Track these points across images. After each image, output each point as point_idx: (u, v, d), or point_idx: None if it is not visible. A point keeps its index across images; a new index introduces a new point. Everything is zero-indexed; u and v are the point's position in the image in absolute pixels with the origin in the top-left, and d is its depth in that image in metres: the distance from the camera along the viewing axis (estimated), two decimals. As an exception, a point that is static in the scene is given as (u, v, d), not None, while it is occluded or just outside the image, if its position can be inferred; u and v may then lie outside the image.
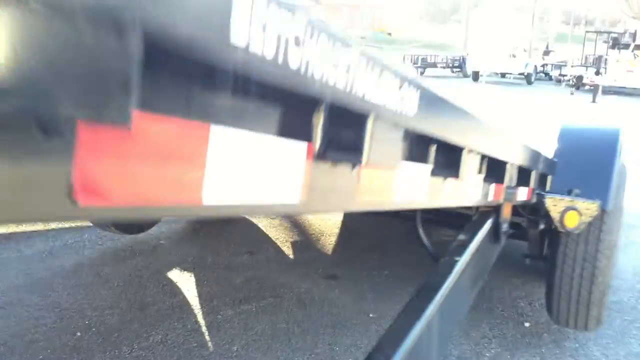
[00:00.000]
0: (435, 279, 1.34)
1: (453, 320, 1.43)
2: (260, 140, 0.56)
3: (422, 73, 23.29)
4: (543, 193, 2.44)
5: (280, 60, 0.46)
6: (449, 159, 1.10)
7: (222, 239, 4.24)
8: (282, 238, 4.36)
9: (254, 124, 0.54)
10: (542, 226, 2.68)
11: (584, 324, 2.79)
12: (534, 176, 1.95)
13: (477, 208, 1.90)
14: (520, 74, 22.05)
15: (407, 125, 0.77)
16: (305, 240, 4.39)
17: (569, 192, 2.52)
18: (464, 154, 1.08)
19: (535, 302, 3.45)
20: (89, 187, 0.39)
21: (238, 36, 0.41)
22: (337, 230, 4.55)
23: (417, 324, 1.18)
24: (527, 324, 3.22)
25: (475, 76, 21.64)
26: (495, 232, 1.83)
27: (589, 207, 2.45)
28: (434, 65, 23.79)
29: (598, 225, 2.59)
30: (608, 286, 2.72)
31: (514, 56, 25.53)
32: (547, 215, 2.49)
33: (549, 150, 2.77)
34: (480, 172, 1.43)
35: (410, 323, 1.17)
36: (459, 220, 1.87)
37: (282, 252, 4.11)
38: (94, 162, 0.38)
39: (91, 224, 4.04)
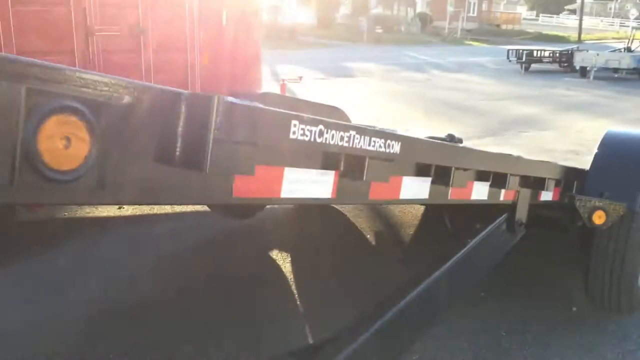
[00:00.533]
0: (447, 254, 1.96)
1: (461, 285, 2.03)
2: (309, 171, 1.24)
3: (527, 69, 22.87)
4: (574, 195, 2.93)
5: (312, 140, 1.13)
6: (445, 173, 1.72)
7: (315, 227, 4.98)
8: (366, 227, 5.03)
9: (305, 164, 1.22)
10: (580, 222, 3.15)
11: (617, 307, 3.24)
12: (548, 183, 2.49)
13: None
14: (633, 68, 21.08)
15: (396, 158, 1.41)
16: (386, 230, 5.06)
17: (601, 194, 2.98)
18: (453, 170, 1.69)
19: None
20: (237, 191, 1.09)
21: (293, 135, 1.09)
22: (416, 222, 5.15)
23: (426, 282, 1.81)
24: (574, 309, 3.68)
25: (583, 72, 21.00)
26: (509, 224, 2.38)
27: (615, 208, 2.91)
28: (539, 60, 23.28)
29: (627, 224, 3.03)
30: (637, 276, 3.16)
31: (628, 50, 24.36)
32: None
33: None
34: (485, 180, 2.03)
35: (421, 280, 1.80)
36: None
37: (365, 239, 4.78)
38: (241, 183, 1.08)
39: (210, 210, 4.90)
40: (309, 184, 1.25)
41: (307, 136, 1.12)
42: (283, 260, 4.23)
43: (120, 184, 0.87)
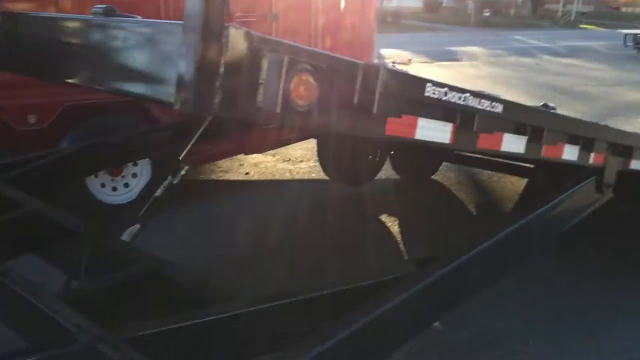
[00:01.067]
0: (537, 202, 2.40)
1: (547, 231, 2.45)
2: (435, 122, 1.76)
3: (644, 53, 21.73)
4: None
5: (439, 98, 1.64)
6: (539, 133, 2.16)
7: (420, 197, 5.47)
8: (468, 199, 5.45)
9: (432, 116, 1.74)
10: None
11: None
12: (635, 152, 2.83)
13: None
14: None
15: (499, 117, 1.89)
16: (486, 202, 5.46)
17: None
18: (545, 131, 2.14)
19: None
20: (388, 130, 1.63)
21: (427, 93, 1.60)
22: (515, 197, 5.49)
23: (513, 226, 2.25)
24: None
25: None
26: (598, 185, 2.74)
27: None
28: (659, 45, 22.06)
29: None
30: None
31: None
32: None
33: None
34: (575, 143, 2.45)
35: (506, 222, 2.25)
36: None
37: (465, 207, 5.22)
38: (390, 125, 1.62)
39: (328, 179, 5.50)
40: (434, 131, 1.77)
41: (436, 95, 1.63)
42: (392, 223, 4.75)
43: (324, 115, 1.43)
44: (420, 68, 14.88)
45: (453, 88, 1.70)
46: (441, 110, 1.77)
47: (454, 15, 38.79)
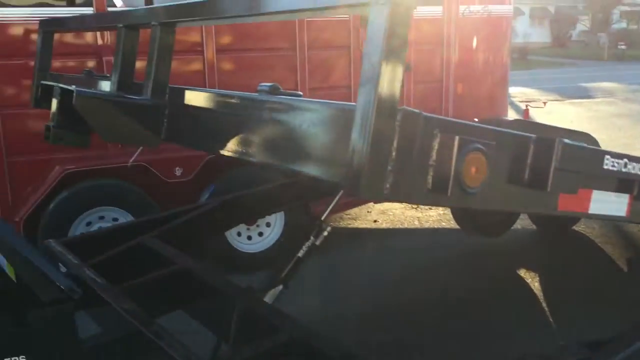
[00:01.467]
0: None
1: None
2: (609, 194, 1.60)
3: None
4: None
5: (619, 170, 1.49)
6: None
7: (562, 250, 5.10)
8: (616, 254, 5.00)
9: (605, 187, 1.58)
10: None
11: None
12: None
13: None
14: None
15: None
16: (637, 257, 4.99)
17: None
18: None
19: None
20: (560, 205, 1.49)
21: (605, 166, 1.46)
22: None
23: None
24: None
25: None
26: None
27: None
28: None
29: None
30: None
31: None
32: None
33: None
34: None
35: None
36: None
37: (613, 263, 4.79)
38: (563, 200, 1.49)
39: (459, 227, 5.30)
40: (609, 204, 1.61)
41: (615, 167, 1.49)
42: (531, 279, 4.45)
43: (493, 194, 1.34)
44: (550, 106, 14.17)
45: (633, 158, 1.54)
46: (616, 181, 1.61)
47: (585, 49, 36.95)
